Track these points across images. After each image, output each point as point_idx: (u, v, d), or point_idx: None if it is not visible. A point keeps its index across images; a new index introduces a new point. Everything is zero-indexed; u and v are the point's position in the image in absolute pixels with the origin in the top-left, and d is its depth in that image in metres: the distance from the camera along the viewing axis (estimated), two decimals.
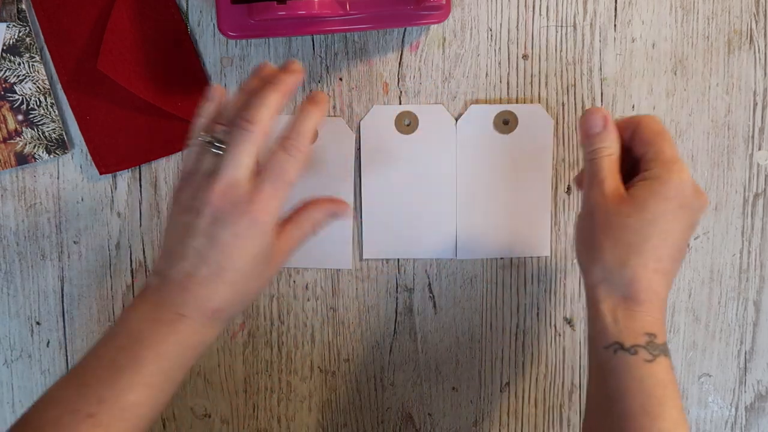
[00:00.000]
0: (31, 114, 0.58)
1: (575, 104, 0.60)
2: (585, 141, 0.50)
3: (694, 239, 0.62)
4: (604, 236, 0.47)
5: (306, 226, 0.49)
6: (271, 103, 0.46)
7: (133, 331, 0.45)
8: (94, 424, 0.43)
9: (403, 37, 0.59)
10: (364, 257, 0.61)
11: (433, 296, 0.62)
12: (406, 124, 0.60)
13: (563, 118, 0.60)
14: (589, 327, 0.48)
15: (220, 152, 0.46)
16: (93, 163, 0.59)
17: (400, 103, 0.60)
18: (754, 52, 0.60)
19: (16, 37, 0.57)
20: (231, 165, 0.45)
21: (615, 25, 0.59)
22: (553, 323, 0.63)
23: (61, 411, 0.43)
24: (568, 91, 0.60)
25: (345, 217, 0.51)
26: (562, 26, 0.59)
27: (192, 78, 0.58)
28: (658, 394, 0.45)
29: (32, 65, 0.58)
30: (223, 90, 0.50)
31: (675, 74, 0.60)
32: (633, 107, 0.60)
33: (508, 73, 0.60)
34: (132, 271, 0.61)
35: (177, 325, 0.46)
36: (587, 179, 0.49)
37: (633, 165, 0.49)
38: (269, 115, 0.46)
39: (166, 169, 0.60)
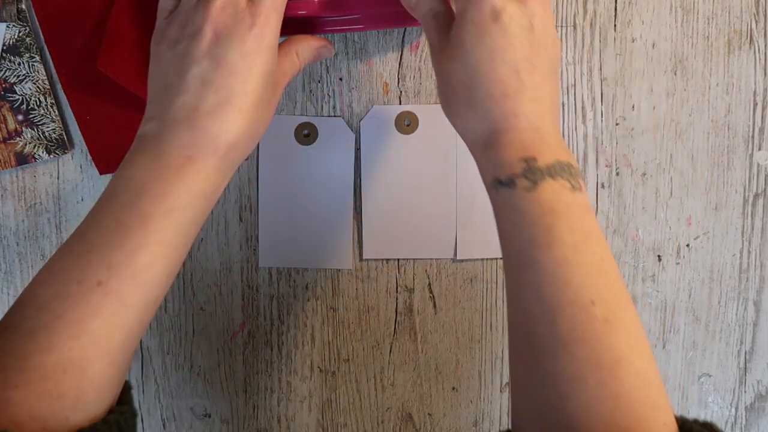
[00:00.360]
0: (31, 114, 0.58)
1: (575, 104, 0.60)
2: (412, 10, 0.47)
3: (694, 239, 0.62)
4: (447, 89, 0.44)
5: (294, 61, 0.47)
6: None
7: (135, 185, 0.40)
8: (105, 292, 0.38)
9: (403, 37, 0.59)
10: (364, 257, 0.61)
11: (433, 296, 0.62)
12: (406, 124, 0.60)
13: (563, 118, 0.60)
14: (481, 177, 0.45)
15: None
16: (93, 163, 0.59)
17: (400, 103, 0.60)
18: (754, 52, 0.60)
19: (16, 37, 0.57)
20: None
21: (615, 25, 0.59)
22: None
23: (67, 282, 0.39)
24: (568, 91, 0.60)
25: (329, 56, 0.50)
26: (562, 26, 0.59)
27: None
28: (545, 224, 0.40)
29: (32, 65, 0.58)
30: None
31: (675, 74, 0.60)
32: (633, 107, 0.60)
33: None
34: None
35: (185, 170, 0.41)
36: (429, 45, 0.47)
37: None
38: None
39: None
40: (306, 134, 0.59)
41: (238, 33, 0.42)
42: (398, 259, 0.62)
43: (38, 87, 0.58)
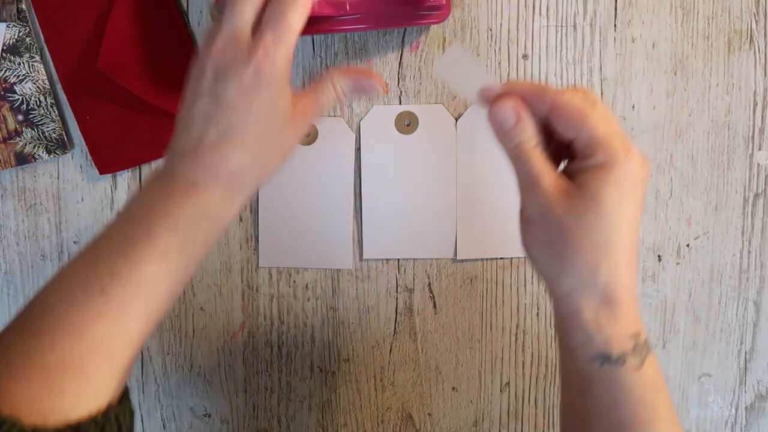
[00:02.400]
0: (31, 114, 0.58)
1: None
2: (501, 138, 0.44)
3: (694, 239, 0.62)
4: (564, 242, 0.41)
5: (328, 90, 0.46)
6: None
7: (145, 204, 0.43)
8: (107, 299, 0.40)
9: (403, 37, 0.59)
10: (364, 257, 0.61)
11: (433, 296, 0.62)
12: (406, 124, 0.60)
13: None
14: (566, 340, 0.43)
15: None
16: (93, 163, 0.59)
17: (400, 103, 0.60)
18: (754, 52, 0.60)
19: (16, 37, 0.57)
20: (229, 18, 0.43)
21: (615, 25, 0.59)
22: (553, 323, 0.62)
23: (73, 288, 0.41)
24: None
25: (374, 94, 0.46)
26: (562, 26, 0.59)
27: None
28: (648, 400, 0.41)
29: (32, 65, 0.58)
30: None
31: (675, 74, 0.60)
32: (633, 107, 0.60)
33: (508, 73, 0.60)
34: None
35: (189, 194, 0.43)
36: (519, 181, 0.43)
37: (559, 146, 0.43)
38: None
39: None
40: (306, 134, 0.59)
41: (235, 71, 0.43)
42: (398, 259, 0.62)
43: (38, 87, 0.58)
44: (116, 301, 0.40)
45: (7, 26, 0.57)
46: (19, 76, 0.58)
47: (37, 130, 0.59)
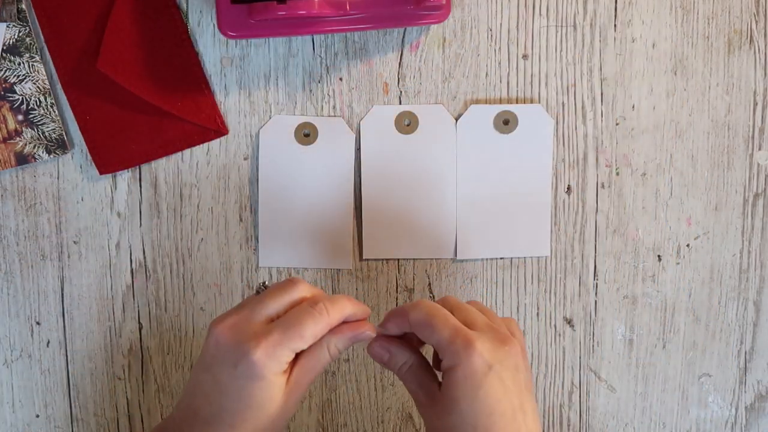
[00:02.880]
0: (31, 114, 0.58)
1: (575, 104, 0.60)
2: (385, 367, 0.49)
3: (694, 239, 0.62)
4: None
5: (322, 355, 0.46)
6: (325, 328, 0.45)
7: None
8: None
9: (403, 37, 0.59)
10: (364, 257, 0.61)
11: (433, 296, 0.62)
12: (406, 124, 0.60)
13: (563, 118, 0.60)
14: None
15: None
16: (93, 163, 0.59)
17: (400, 103, 0.60)
18: (754, 52, 0.60)
19: (16, 37, 0.57)
20: (253, 306, 0.45)
21: (615, 25, 0.59)
22: (553, 323, 0.63)
23: None
24: (568, 91, 0.60)
25: (368, 338, 0.48)
26: (562, 26, 0.59)
27: (192, 78, 0.58)
28: None
29: (32, 65, 0.58)
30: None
31: (675, 74, 0.60)
32: (633, 107, 0.60)
33: (508, 73, 0.60)
34: (132, 271, 0.61)
35: None
36: (412, 398, 0.49)
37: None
38: (316, 334, 0.45)
39: (166, 169, 0.60)
40: (306, 134, 0.59)
41: (232, 357, 0.43)
42: (398, 259, 0.62)
43: (38, 87, 0.58)
44: None
45: (7, 26, 0.57)
46: (19, 76, 0.58)
47: (37, 130, 0.59)
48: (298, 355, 0.45)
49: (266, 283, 0.49)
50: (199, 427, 0.45)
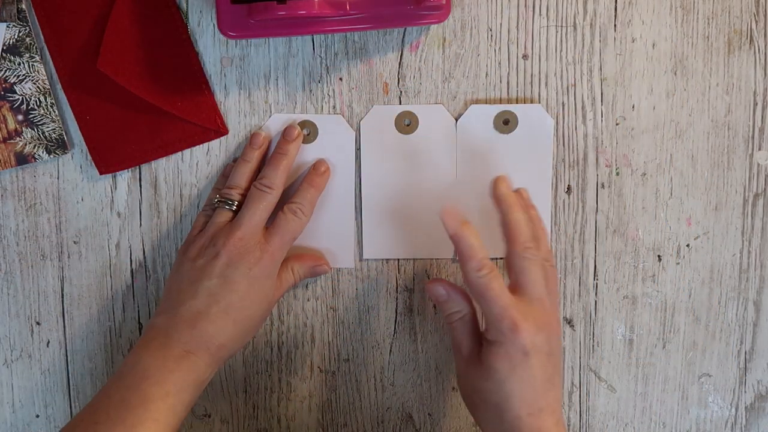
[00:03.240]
0: (31, 114, 0.58)
1: (575, 104, 0.60)
2: (439, 307, 0.56)
3: (694, 239, 0.62)
4: (475, 399, 0.53)
5: (288, 274, 0.57)
6: (284, 170, 0.56)
7: (140, 369, 0.50)
8: None
9: (403, 37, 0.59)
10: (364, 257, 0.61)
11: None
12: (406, 124, 0.60)
13: (563, 118, 0.60)
14: None
15: (233, 209, 0.55)
16: (93, 163, 0.59)
17: (400, 103, 0.60)
18: (754, 52, 0.60)
19: (16, 37, 0.57)
20: (248, 219, 0.54)
21: (615, 25, 0.59)
22: None
23: None
24: (568, 91, 0.60)
25: (324, 272, 0.60)
26: (562, 26, 0.59)
27: (192, 78, 0.58)
28: None
29: (32, 65, 0.58)
30: (267, 136, 0.58)
31: (675, 74, 0.60)
32: (633, 107, 0.60)
33: (508, 73, 0.60)
34: (132, 271, 0.61)
35: (183, 361, 0.50)
36: (452, 344, 0.56)
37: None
38: (283, 181, 0.56)
39: (166, 169, 0.60)
40: (307, 133, 0.59)
41: (247, 261, 0.53)
42: (398, 259, 0.62)
43: (38, 87, 0.58)
44: None
45: (7, 26, 0.57)
46: (19, 76, 0.58)
47: (37, 130, 0.59)
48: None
49: (230, 199, 0.56)
50: (202, 324, 0.51)
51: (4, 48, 0.57)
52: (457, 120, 0.60)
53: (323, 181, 0.58)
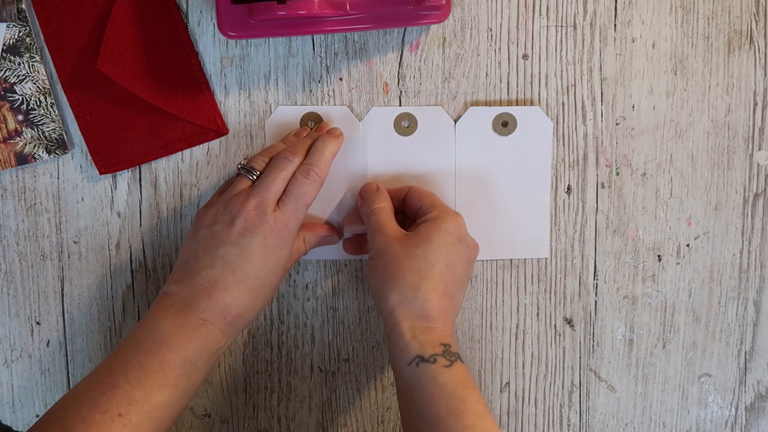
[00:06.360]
0: (31, 114, 0.58)
1: (575, 104, 0.60)
2: (362, 205, 0.57)
3: (694, 239, 0.62)
4: (396, 267, 0.53)
5: (299, 243, 0.57)
6: (306, 148, 0.55)
7: (158, 335, 0.50)
8: (123, 423, 0.47)
9: (403, 37, 0.59)
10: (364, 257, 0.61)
11: None
12: (405, 125, 0.60)
13: (563, 118, 0.60)
14: (391, 350, 0.52)
15: (253, 178, 0.54)
16: (93, 163, 0.59)
17: (400, 103, 0.60)
18: (754, 52, 0.60)
19: (16, 37, 0.57)
20: (266, 187, 0.53)
21: (615, 25, 0.59)
22: (553, 323, 0.63)
23: (92, 411, 0.47)
24: (568, 91, 0.60)
25: (334, 242, 0.60)
26: (562, 26, 0.59)
27: (192, 78, 0.58)
28: (459, 394, 0.49)
29: (32, 65, 0.58)
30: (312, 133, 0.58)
31: (675, 74, 0.60)
32: (633, 107, 0.60)
33: (508, 73, 0.60)
34: (132, 271, 0.61)
35: (201, 329, 0.50)
36: (369, 231, 0.56)
37: (409, 221, 0.58)
38: (303, 157, 0.55)
39: (166, 169, 0.60)
40: (312, 125, 0.59)
41: (262, 230, 0.52)
42: None
43: (38, 87, 0.58)
44: (132, 426, 0.47)
45: (7, 26, 0.57)
46: (19, 76, 0.58)
47: (37, 130, 0.59)
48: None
49: (253, 168, 0.55)
50: (219, 293, 0.51)
51: (4, 48, 0.57)
52: (456, 121, 0.60)
53: (337, 145, 0.56)
